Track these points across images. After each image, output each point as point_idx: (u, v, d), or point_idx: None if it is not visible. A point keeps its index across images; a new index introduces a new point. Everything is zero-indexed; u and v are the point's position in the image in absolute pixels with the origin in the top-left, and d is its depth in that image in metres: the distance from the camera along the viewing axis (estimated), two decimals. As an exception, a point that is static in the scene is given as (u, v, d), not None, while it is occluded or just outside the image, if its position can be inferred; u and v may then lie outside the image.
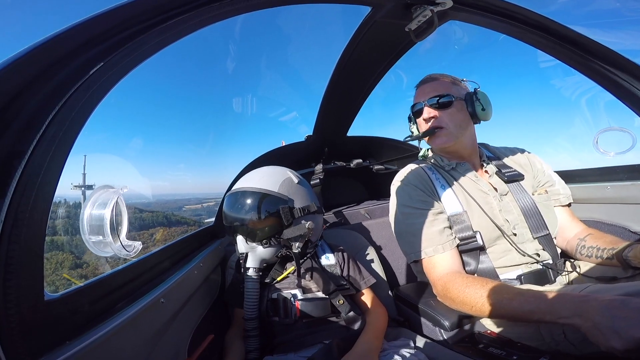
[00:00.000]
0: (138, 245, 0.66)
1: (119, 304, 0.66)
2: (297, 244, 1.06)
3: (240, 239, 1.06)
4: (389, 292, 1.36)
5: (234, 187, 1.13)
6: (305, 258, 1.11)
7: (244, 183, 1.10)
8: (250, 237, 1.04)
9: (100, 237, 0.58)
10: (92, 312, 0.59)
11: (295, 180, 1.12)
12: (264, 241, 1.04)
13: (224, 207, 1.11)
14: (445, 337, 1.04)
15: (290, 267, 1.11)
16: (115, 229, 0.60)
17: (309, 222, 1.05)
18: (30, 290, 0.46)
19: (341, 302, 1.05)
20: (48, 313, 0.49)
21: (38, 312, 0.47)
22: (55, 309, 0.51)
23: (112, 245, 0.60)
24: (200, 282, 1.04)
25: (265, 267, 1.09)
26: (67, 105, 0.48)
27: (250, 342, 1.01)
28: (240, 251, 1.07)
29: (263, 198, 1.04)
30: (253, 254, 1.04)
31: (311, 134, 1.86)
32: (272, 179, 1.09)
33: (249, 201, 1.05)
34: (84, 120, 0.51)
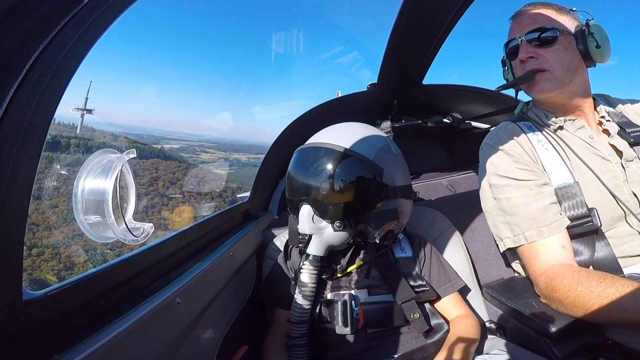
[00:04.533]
0: (148, 228, 0.54)
1: (122, 305, 0.56)
2: (377, 232, 0.85)
3: (305, 214, 0.85)
4: (479, 290, 1.12)
5: (310, 141, 0.93)
6: (381, 251, 0.93)
7: (327, 138, 0.88)
8: (321, 210, 0.84)
9: (99, 218, 0.47)
10: (87, 315, 0.50)
11: (394, 151, 0.92)
12: (338, 222, 0.84)
13: (290, 169, 0.92)
14: (553, 349, 0.85)
15: (358, 261, 0.93)
16: (119, 206, 0.48)
17: (401, 208, 0.86)
18: (5, 288, 0.37)
19: (417, 316, 0.85)
20: (29, 317, 0.40)
21: (16, 316, 0.38)
22: (38, 312, 0.41)
23: (115, 228, 0.48)
24: (229, 277, 0.88)
25: (322, 257, 0.88)
26: (54, 44, 0.37)
27: (297, 354, 0.83)
28: (302, 231, 0.87)
29: (353, 163, 0.84)
30: (319, 237, 0.85)
31: (375, 81, 1.51)
32: (367, 142, 0.87)
33: (331, 162, 0.84)
34: (76, 63, 0.40)
